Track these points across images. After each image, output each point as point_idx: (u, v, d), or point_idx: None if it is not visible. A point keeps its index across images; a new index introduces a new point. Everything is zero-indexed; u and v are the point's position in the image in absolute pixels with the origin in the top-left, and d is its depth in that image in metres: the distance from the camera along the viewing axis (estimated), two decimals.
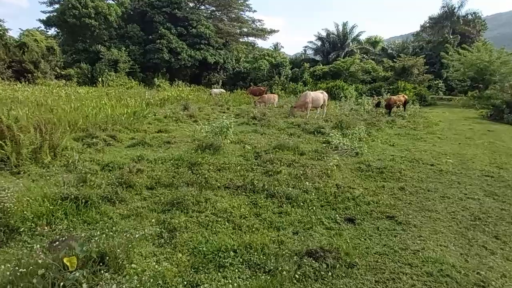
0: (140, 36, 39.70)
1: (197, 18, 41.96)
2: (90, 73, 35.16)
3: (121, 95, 18.35)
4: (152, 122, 13.37)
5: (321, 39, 51.32)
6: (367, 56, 48.88)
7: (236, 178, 6.31)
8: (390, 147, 10.54)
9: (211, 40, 41.79)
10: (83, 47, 37.02)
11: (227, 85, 40.52)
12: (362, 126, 11.71)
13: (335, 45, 49.72)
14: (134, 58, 38.32)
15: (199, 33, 40.50)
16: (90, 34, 37.01)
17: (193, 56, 39.74)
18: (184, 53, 39.07)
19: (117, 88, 28.76)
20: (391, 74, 37.58)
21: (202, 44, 40.88)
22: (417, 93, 31.58)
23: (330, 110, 22.05)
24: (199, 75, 44.00)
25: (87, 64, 35.44)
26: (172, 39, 38.72)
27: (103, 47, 35.93)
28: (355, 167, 7.71)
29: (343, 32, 49.76)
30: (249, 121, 14.91)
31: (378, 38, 57.22)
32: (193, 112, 15.45)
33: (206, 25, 41.78)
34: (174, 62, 38.89)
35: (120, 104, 14.85)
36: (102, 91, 21.58)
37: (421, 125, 16.01)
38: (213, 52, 41.86)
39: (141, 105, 13.62)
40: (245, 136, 10.82)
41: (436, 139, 12.51)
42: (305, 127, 12.71)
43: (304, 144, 9.97)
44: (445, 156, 9.33)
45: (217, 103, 21.93)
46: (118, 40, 39.11)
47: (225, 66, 43.82)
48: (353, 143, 9.69)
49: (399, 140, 11.90)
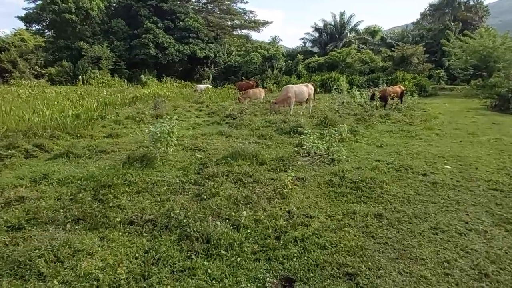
0: (125, 31, 37.88)
1: (184, 11, 40.02)
2: (72, 71, 33.48)
3: (86, 94, 16.66)
4: (108, 125, 11.69)
5: (318, 30, 49.22)
6: (365, 46, 46.85)
7: (152, 207, 4.62)
8: (376, 149, 8.79)
9: (200, 33, 39.88)
10: (65, 44, 35.26)
11: (218, 80, 38.75)
12: (345, 124, 9.93)
13: (332, 36, 47.72)
14: (119, 54, 36.55)
15: (187, 27, 38.59)
16: (72, 30, 35.22)
17: (181, 51, 37.89)
18: (171, 47, 37.23)
19: (96, 86, 27.16)
20: (390, 64, 35.66)
21: (190, 38, 38.98)
22: (417, 83, 29.74)
23: (320, 104, 20.32)
24: (191, 70, 42.20)
25: (69, 62, 33.75)
26: (158, 33, 36.87)
27: (85, 44, 34.16)
28: (325, 181, 6.00)
29: (341, 22, 47.73)
30: (222, 120, 13.21)
31: (377, 27, 55.02)
32: (161, 112, 13.74)
33: (195, 18, 39.85)
34: (161, 57, 37.07)
35: (78, 104, 13.19)
36: (76, 90, 19.90)
37: (418, 119, 14.23)
38: (202, 46, 39.98)
39: (92, 106, 11.91)
40: (204, 140, 9.13)
41: (434, 136, 10.75)
42: (282, 126, 10.98)
43: (271, 149, 8.27)
44: (442, 159, 7.58)
45: (197, 100, 20.21)
46: (102, 36, 37.29)
47: (216, 60, 41.97)
48: (332, 145, 7.98)
49: (389, 139, 10.15)
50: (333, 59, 37.68)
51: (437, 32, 42.56)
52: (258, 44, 43.13)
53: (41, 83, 25.69)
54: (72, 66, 33.74)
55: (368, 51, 41.11)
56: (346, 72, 37.26)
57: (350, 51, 37.95)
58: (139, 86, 30.97)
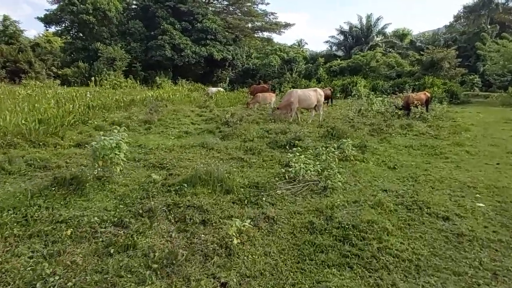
0: (142, 32, 37.36)
1: (203, 12, 39.07)
2: (87, 72, 33.16)
3: (83, 96, 15.67)
4: (86, 131, 10.48)
5: (343, 33, 46.97)
6: (393, 50, 44.18)
7: (25, 266, 3.15)
8: (387, 171, 6.99)
9: (218, 35, 38.77)
10: (82, 45, 35.15)
11: (236, 83, 37.46)
12: (349, 140, 8.15)
13: (358, 39, 45.40)
14: (135, 55, 36.05)
15: (204, 28, 37.60)
16: (89, 31, 35.06)
17: (198, 53, 36.91)
18: (188, 49, 36.32)
19: (107, 88, 26.52)
20: (418, 69, 33.13)
21: (208, 40, 37.96)
22: (447, 89, 27.17)
23: (336, 111, 18.49)
24: (210, 73, 41.18)
25: (85, 63, 33.48)
26: (175, 34, 36.08)
27: (102, 45, 33.80)
28: (304, 223, 4.34)
29: (367, 25, 45.30)
30: (217, 128, 11.72)
31: (407, 30, 52.24)
32: (152, 117, 12.43)
33: (213, 19, 38.81)
34: (177, 59, 36.23)
35: (62, 106, 12.12)
36: (77, 91, 19.06)
37: (446, 131, 12.18)
38: (220, 48, 38.85)
39: (60, 111, 10.67)
40: (178, 155, 7.66)
41: (463, 154, 8.79)
42: (278, 137, 9.34)
43: (252, 170, 6.66)
44: (473, 191, 5.73)
45: (202, 104, 18.88)
46: (119, 37, 36.96)
47: (234, 62, 40.75)
48: (329, 166, 6.30)
49: (407, 158, 8.29)
50: (356, 62, 35.57)
51: (472, 35, 39.44)
52: (278, 47, 41.59)
53: (47, 84, 25.18)
54: (88, 67, 33.45)
55: (394, 55, 38.60)
56: (370, 76, 35.08)
57: (375, 54, 35.67)
58: (153, 88, 30.22)
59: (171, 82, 35.16)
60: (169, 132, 11.10)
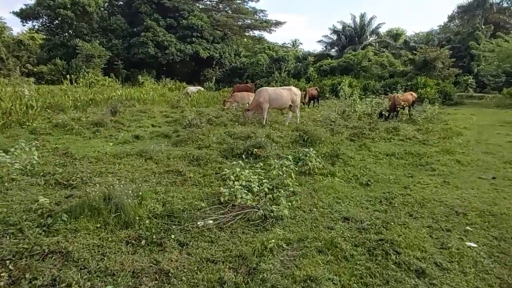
0: (125, 29, 35.74)
1: (189, 8, 37.51)
2: (65, 70, 31.50)
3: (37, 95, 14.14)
4: (15, 136, 8.98)
5: (336, 32, 45.64)
6: (387, 50, 42.92)
7: None
8: (357, 190, 5.58)
9: (204, 32, 37.23)
10: (60, 42, 33.48)
11: (223, 82, 35.96)
12: (312, 149, 6.73)
13: (352, 39, 44.14)
14: (117, 53, 34.44)
15: (190, 25, 36.03)
16: (68, 27, 33.41)
17: (183, 50, 35.36)
18: (172, 47, 34.76)
19: (82, 86, 24.92)
20: (411, 69, 31.90)
21: (194, 37, 36.40)
22: (440, 90, 25.99)
23: (319, 112, 17.08)
24: (197, 72, 39.60)
25: (62, 60, 31.81)
26: (159, 31, 34.50)
27: (81, 41, 32.13)
28: (209, 282, 2.93)
29: (361, 25, 43.99)
30: (176, 131, 10.25)
31: (400, 30, 51.10)
32: (102, 119, 10.91)
33: (199, 16, 37.25)
34: (161, 57, 34.67)
35: None
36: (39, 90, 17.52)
37: (436, 135, 10.86)
38: (206, 45, 37.33)
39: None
40: (103, 166, 6.21)
41: (453, 165, 7.43)
42: (235, 144, 7.90)
43: (180, 190, 5.21)
44: (463, 220, 4.36)
45: (175, 104, 17.39)
46: (100, 33, 35.31)
47: (222, 61, 39.21)
48: (282, 184, 4.88)
49: (387, 169, 6.91)
50: (347, 62, 34.25)
51: (466, 35, 38.27)
52: (267, 45, 40.17)
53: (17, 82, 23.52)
54: (66, 64, 31.79)
55: (387, 54, 37.33)
56: (362, 76, 33.85)
57: (366, 53, 34.36)
58: (135, 87, 28.70)
59: (154, 80, 33.67)
60: (117, 137, 9.63)
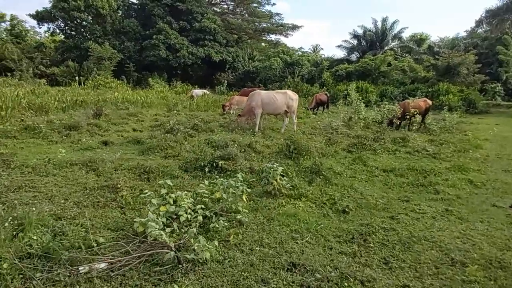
0: (137, 31, 35.52)
1: (202, 11, 36.95)
2: (77, 72, 31.49)
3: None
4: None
5: (357, 37, 43.62)
6: (410, 55, 40.80)
7: None
8: (327, 220, 4.31)
9: (217, 35, 36.47)
10: (74, 44, 33.58)
11: (235, 86, 35.09)
12: (275, 164, 5.51)
13: (372, 44, 42.13)
14: (128, 55, 34.20)
15: (203, 28, 35.42)
16: (82, 29, 33.50)
17: (195, 53, 34.71)
18: (184, 49, 34.20)
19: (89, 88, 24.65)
20: (433, 74, 29.97)
21: (206, 40, 35.71)
22: (464, 97, 24.10)
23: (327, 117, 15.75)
24: (210, 76, 38.95)
25: (74, 62, 31.83)
26: (171, 34, 34.01)
27: (94, 44, 32.06)
28: None
29: (382, 29, 41.80)
30: (153, 137, 9.25)
31: (424, 35, 48.71)
32: (77, 123, 10.06)
33: (212, 19, 36.59)
34: (172, 59, 34.14)
35: None
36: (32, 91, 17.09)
37: (450, 148, 9.36)
38: (219, 49, 36.55)
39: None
40: (27, 179, 5.24)
41: (463, 185, 6.06)
42: (202, 155, 6.77)
43: (99, 213, 4.15)
44: (459, 279, 3.05)
45: (172, 107, 16.51)
46: (113, 36, 35.24)
47: (235, 65, 38.35)
48: (231, 209, 3.73)
49: (378, 190, 5.62)
50: (364, 66, 32.57)
51: (494, 41, 35.72)
52: (281, 49, 39.05)
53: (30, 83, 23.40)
54: (78, 66, 31.79)
55: (408, 59, 35.36)
56: (380, 82, 32.18)
57: (385, 58, 32.59)
58: (146, 89, 28.30)
59: (165, 83, 33.22)
60: (86, 142, 8.73)
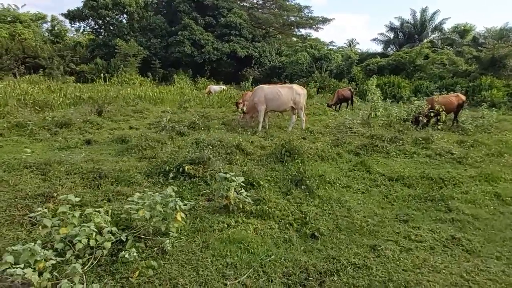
0: (164, 28, 35.53)
1: (229, 6, 36.27)
2: (105, 69, 32.01)
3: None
4: None
5: (393, 29, 40.92)
6: (452, 48, 37.56)
7: None
8: (281, 250, 3.28)
9: (243, 30, 35.66)
10: (102, 41, 34.23)
11: (261, 82, 34.12)
12: (237, 171, 4.51)
13: (410, 36, 39.39)
14: (154, 52, 34.31)
15: (228, 23, 34.77)
16: (110, 27, 34.04)
17: (220, 49, 34.14)
18: (209, 45, 33.74)
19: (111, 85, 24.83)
20: (475, 67, 27.24)
21: (232, 36, 35.04)
22: (510, 92, 21.64)
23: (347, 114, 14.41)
24: (238, 71, 38.32)
25: (102, 60, 32.39)
26: (196, 30, 33.67)
27: (120, 40, 32.44)
28: None
29: (421, 20, 38.76)
30: (141, 136, 8.56)
31: (469, 26, 44.51)
32: (69, 120, 9.60)
33: (238, 14, 35.82)
34: (197, 55, 33.82)
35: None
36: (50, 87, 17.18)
37: (481, 151, 7.85)
38: (245, 44, 35.74)
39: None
40: None
41: (487, 201, 4.74)
42: (173, 156, 5.92)
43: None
44: None
45: (182, 104, 15.91)
46: (140, 32, 35.53)
47: (261, 60, 37.38)
48: (163, 232, 2.84)
49: (370, 206, 4.46)
50: (398, 60, 30.32)
51: None
52: (309, 43, 37.48)
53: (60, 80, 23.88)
54: (106, 63, 32.31)
55: (447, 51, 32.54)
56: (416, 76, 29.83)
57: (421, 51, 30.13)
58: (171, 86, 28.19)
59: (190, 80, 32.95)
60: (71, 139, 8.20)
